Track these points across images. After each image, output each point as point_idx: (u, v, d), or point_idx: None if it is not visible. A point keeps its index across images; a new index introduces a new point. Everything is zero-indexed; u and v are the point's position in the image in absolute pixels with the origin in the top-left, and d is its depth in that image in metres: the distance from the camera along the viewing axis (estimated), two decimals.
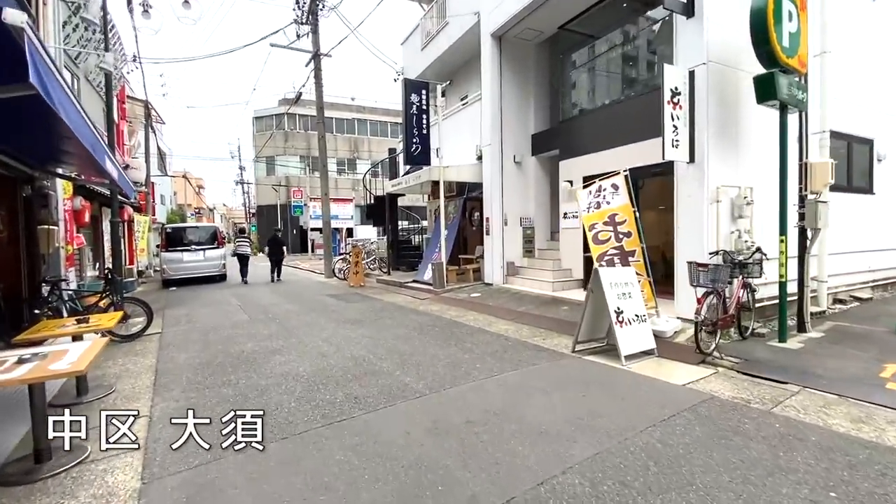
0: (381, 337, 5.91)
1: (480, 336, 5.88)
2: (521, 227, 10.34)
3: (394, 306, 8.56)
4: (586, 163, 8.79)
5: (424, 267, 11.39)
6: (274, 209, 33.72)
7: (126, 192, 5.96)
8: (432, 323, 6.82)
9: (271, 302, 9.38)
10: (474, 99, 11.11)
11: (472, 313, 7.59)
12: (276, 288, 12.07)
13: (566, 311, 7.16)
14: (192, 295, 11.00)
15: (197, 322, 7.38)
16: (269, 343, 5.73)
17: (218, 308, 8.76)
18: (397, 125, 37.74)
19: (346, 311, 8.09)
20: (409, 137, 9.65)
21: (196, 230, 13.97)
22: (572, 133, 9.20)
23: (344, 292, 10.79)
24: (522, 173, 10.36)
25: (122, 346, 5.89)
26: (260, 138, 33.37)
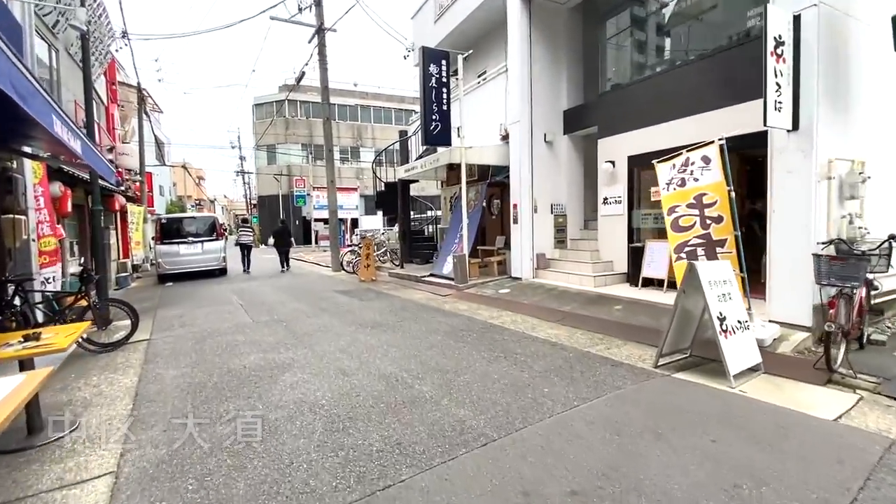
0: (410, 346, 4.92)
1: (529, 345, 4.88)
2: (552, 214, 9.29)
3: (415, 305, 7.56)
4: (633, 140, 7.72)
5: (443, 260, 10.38)
6: (276, 199, 32.67)
7: (102, 174, 4.94)
8: (465, 326, 5.82)
9: (276, 300, 8.40)
10: (496, 72, 9.99)
11: (506, 313, 6.59)
12: (280, 283, 11.09)
13: (620, 312, 6.15)
14: (189, 291, 10.03)
15: (192, 325, 6.40)
16: (277, 354, 4.74)
17: (217, 308, 7.79)
18: (402, 111, 36.51)
19: (362, 311, 7.10)
20: (428, 114, 8.59)
21: (193, 221, 12.97)
22: (615, 107, 8.10)
23: (355, 288, 9.80)
24: (553, 154, 9.28)
25: (99, 359, 4.92)
26: (260, 126, 32.21)
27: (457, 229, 10.39)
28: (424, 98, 8.58)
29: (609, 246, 8.35)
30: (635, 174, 7.91)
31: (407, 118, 36.54)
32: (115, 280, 11.50)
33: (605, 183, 8.37)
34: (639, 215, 7.90)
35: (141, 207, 15.23)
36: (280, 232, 14.40)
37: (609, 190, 8.30)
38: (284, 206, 32.66)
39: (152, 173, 23.62)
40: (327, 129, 13.32)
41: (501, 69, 9.74)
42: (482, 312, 6.72)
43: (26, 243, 5.57)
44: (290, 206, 32.49)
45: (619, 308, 6.33)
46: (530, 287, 8.36)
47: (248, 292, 9.57)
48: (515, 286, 8.59)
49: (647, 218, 7.75)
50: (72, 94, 8.88)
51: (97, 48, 9.98)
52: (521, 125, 8.86)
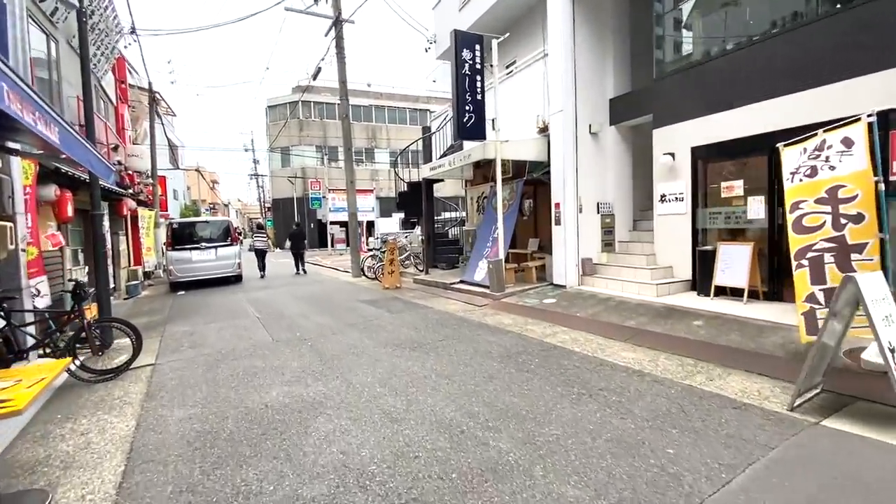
0: (463, 376, 4.04)
1: (610, 375, 3.97)
2: (598, 214, 8.35)
3: (452, 318, 6.69)
4: (699, 128, 6.76)
5: (473, 265, 9.50)
6: (290, 202, 32.15)
7: (94, 170, 4.18)
8: (520, 347, 4.93)
9: (297, 312, 7.60)
10: (532, 58, 9.09)
11: (561, 329, 5.68)
12: (299, 292, 10.32)
13: (702, 329, 5.20)
14: (202, 301, 9.31)
15: (203, 345, 5.62)
16: (305, 388, 3.91)
17: (232, 322, 7.01)
18: (417, 111, 35.77)
19: (395, 326, 6.25)
20: (461, 105, 7.73)
21: (206, 226, 12.30)
22: (675, 92, 7.14)
23: (380, 297, 8.97)
24: (599, 147, 8.34)
25: (95, 390, 4.14)
26: (274, 128, 31.72)
27: (489, 232, 9.51)
28: (457, 87, 7.72)
29: (668, 249, 7.39)
30: (700, 167, 6.95)
31: (422, 118, 35.81)
32: (126, 289, 10.86)
33: (663, 178, 7.41)
34: (705, 214, 6.93)
35: (152, 212, 14.64)
36: (295, 235, 14.54)
37: (667, 186, 7.34)
38: (299, 209, 32.12)
39: (166, 177, 23.22)
40: (346, 126, 12.55)
41: (538, 55, 8.83)
42: (533, 328, 5.82)
43: (13, 254, 4.84)
44: (304, 208, 31.93)
45: (699, 324, 5.38)
46: (579, 297, 7.42)
47: (266, 302, 8.80)
48: (560, 295, 7.67)
49: (717, 217, 6.77)
50: (74, 91, 8.21)
51: (102, 41, 9.34)
52: (564, 115, 7.94)
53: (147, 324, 7.22)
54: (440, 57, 13.54)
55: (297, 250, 14.23)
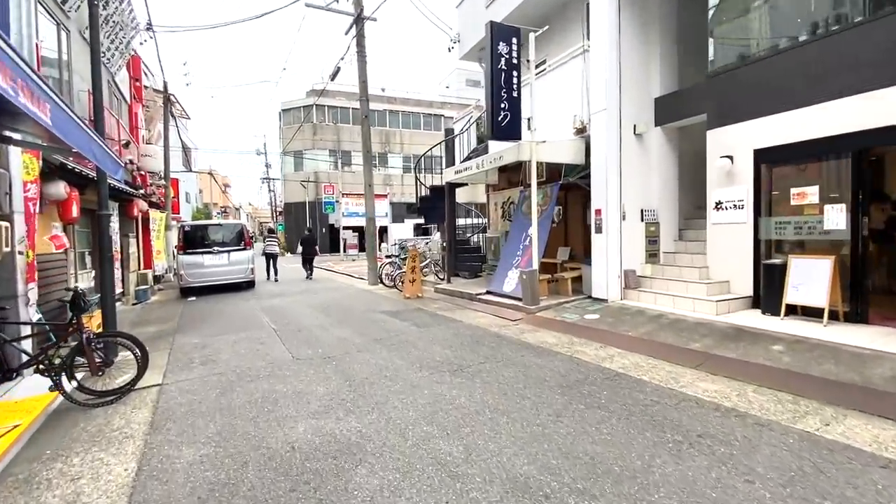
0: (521, 411, 3.41)
1: (700, 414, 3.31)
2: (642, 222, 7.69)
3: (486, 335, 6.06)
4: (764, 128, 6.10)
5: (501, 275, 8.87)
6: (302, 207, 31.83)
7: (98, 162, 3.65)
8: (578, 374, 4.28)
9: (316, 324, 7.02)
10: (569, 55, 8.51)
11: (616, 351, 5.03)
12: (315, 300, 9.76)
13: (785, 356, 4.51)
14: (214, 309, 8.78)
15: (216, 362, 5.05)
16: (335, 422, 3.30)
17: (247, 334, 6.45)
18: (431, 116, 35.40)
19: (425, 342, 5.63)
20: (496, 102, 7.16)
21: (219, 229, 11.83)
22: (734, 89, 6.49)
23: (403, 308, 8.36)
24: (644, 150, 7.71)
25: (92, 417, 3.58)
26: (287, 132, 31.50)
27: (518, 239, 8.89)
28: (492, 83, 7.15)
29: (724, 262, 6.70)
30: (764, 172, 6.28)
31: (437, 123, 35.45)
32: (135, 294, 10.40)
33: (719, 183, 6.75)
34: (770, 224, 6.24)
35: (163, 214, 14.24)
36: (307, 240, 14.78)
37: (724, 192, 6.67)
38: (311, 214, 31.78)
39: (178, 179, 22.99)
40: (365, 127, 12.05)
41: (575, 51, 8.25)
42: (583, 350, 5.16)
43: (9, 257, 4.32)
44: (316, 213, 31.58)
45: (779, 349, 4.68)
46: (624, 312, 6.75)
47: (281, 311, 8.24)
48: (603, 310, 7.00)
49: (785, 227, 6.08)
50: (86, 85, 7.78)
51: (116, 35, 8.94)
52: (607, 114, 7.32)
53: (155, 333, 6.69)
54: (464, 57, 13.04)
55: (308, 255, 14.48)
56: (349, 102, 32.71)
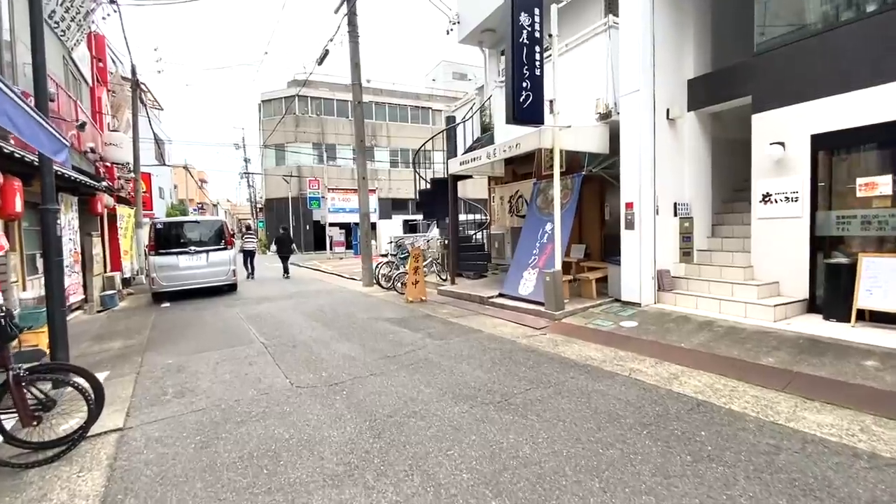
0: (615, 469, 2.57)
1: (841, 465, 2.53)
2: (675, 217, 6.96)
3: (516, 348, 5.22)
4: (824, 110, 5.42)
5: (515, 276, 8.04)
6: (284, 202, 30.43)
7: (35, 142, 2.66)
8: (654, 406, 3.47)
9: (313, 336, 6.06)
10: (591, 33, 7.68)
11: (679, 369, 4.26)
12: (308, 306, 8.76)
13: (886, 374, 3.79)
14: (191, 318, 7.71)
15: (195, 391, 4.07)
16: (365, 497, 2.39)
17: (231, 351, 5.45)
18: (419, 109, 34.32)
19: (448, 359, 4.75)
20: (517, 81, 6.29)
21: (196, 227, 10.66)
22: (789, 66, 5.77)
23: (408, 314, 7.46)
24: (676, 137, 6.97)
25: (23, 487, 2.58)
26: (268, 124, 30.00)
27: (534, 236, 8.07)
28: (513, 59, 6.28)
29: (772, 261, 6.01)
30: (822, 160, 5.60)
31: (424, 117, 34.43)
32: (100, 300, 9.20)
33: (767, 173, 6.05)
34: (831, 218, 5.56)
35: (131, 210, 12.94)
36: (282, 239, 14.42)
37: (773, 183, 5.97)
38: (294, 210, 30.43)
39: (151, 174, 21.45)
40: (358, 113, 11.03)
41: (599, 28, 7.42)
42: (638, 367, 4.37)
43: None
44: (300, 209, 30.24)
45: (874, 366, 3.97)
46: (666, 319, 6.00)
47: (271, 320, 7.23)
48: (639, 316, 6.24)
49: (849, 222, 5.40)
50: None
51: (73, 3, 7.71)
52: (640, 97, 6.54)
53: (121, 351, 5.64)
54: (463, 40, 12.11)
55: (284, 254, 14.12)
56: (333, 93, 31.40)
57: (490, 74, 12.47)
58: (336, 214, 24.39)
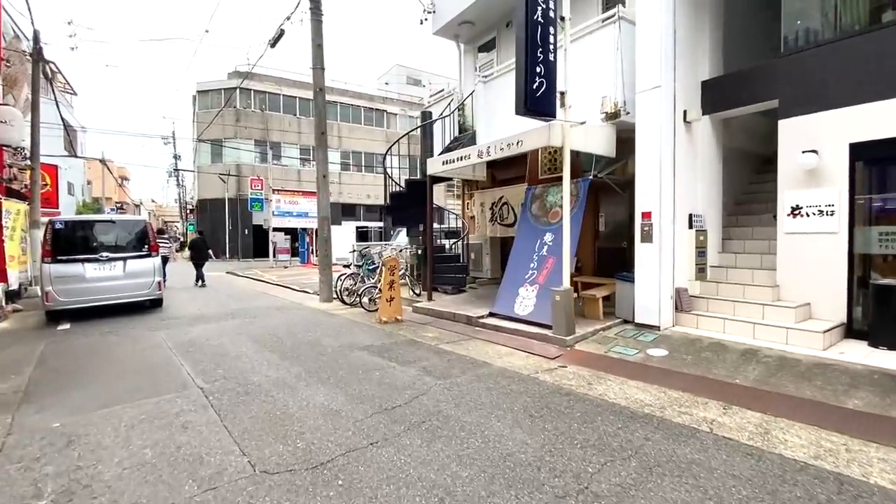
0: None
1: None
2: (690, 229, 6.30)
3: (545, 389, 4.14)
4: (865, 116, 4.96)
5: (510, 293, 7.03)
6: (220, 204, 27.54)
7: None
8: (795, 491, 2.53)
9: (272, 375, 4.60)
10: (597, 24, 6.94)
11: (760, 419, 3.41)
12: (256, 327, 7.15)
13: None
14: (97, 348, 5.86)
15: (91, 492, 2.55)
16: None
17: (154, 402, 3.88)
18: (372, 111, 32.81)
19: (469, 411, 3.57)
20: (531, 65, 5.31)
21: (111, 228, 8.59)
22: (823, 68, 5.29)
23: (389, 340, 6.16)
24: (691, 142, 6.34)
25: None
26: (204, 117, 27.06)
27: (531, 248, 7.12)
28: (527, 39, 5.31)
29: (804, 279, 5.46)
30: (862, 171, 5.13)
31: (379, 119, 33.02)
32: None
33: (797, 184, 5.52)
34: (871, 235, 5.09)
35: (23, 206, 10.43)
36: (197, 244, 13.42)
37: (804, 195, 5.44)
38: (231, 212, 27.65)
39: (58, 166, 18.25)
40: (319, 102, 9.58)
41: (608, 19, 6.68)
42: (708, 416, 3.46)
43: None
44: (238, 211, 27.52)
45: None
46: (696, 346, 5.23)
47: (208, 350, 5.60)
48: (663, 342, 5.43)
49: (893, 239, 4.94)
50: None
51: None
52: (660, 94, 5.83)
53: None
54: (438, 32, 11.09)
55: (199, 260, 13.10)
56: (280, 88, 29.14)
57: (466, 71, 11.54)
58: (281, 219, 22.24)
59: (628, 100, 6.41)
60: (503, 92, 8.31)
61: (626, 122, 6.44)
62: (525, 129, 6.30)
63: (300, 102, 29.66)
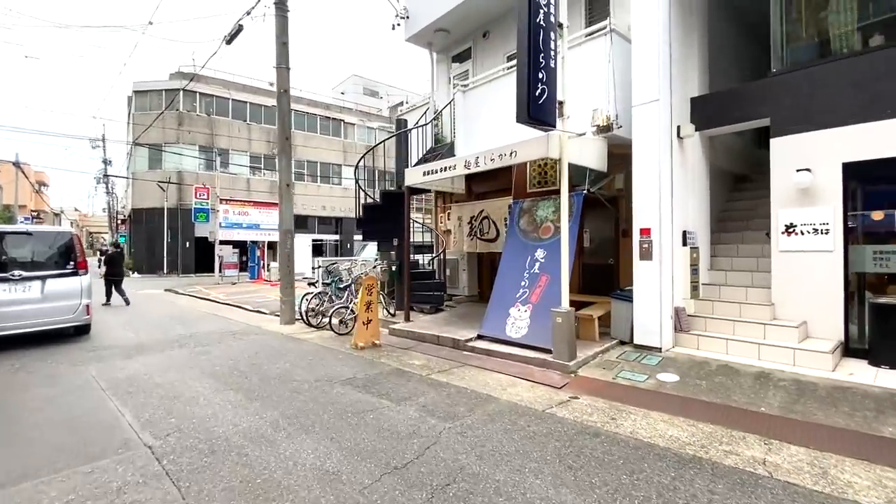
0: None
1: None
2: (685, 247, 6.16)
3: (567, 428, 3.66)
4: (858, 137, 5.01)
5: (499, 313, 6.56)
6: (157, 214, 25.18)
7: None
8: None
9: (241, 425, 3.78)
10: (584, 36, 6.77)
11: (814, 459, 3.12)
12: (211, 358, 6.15)
13: None
14: (2, 390, 4.68)
15: None
16: None
17: (86, 476, 2.97)
18: (329, 121, 31.69)
19: (494, 465, 3.00)
20: (533, 70, 4.93)
21: (24, 241, 7.19)
22: (816, 88, 5.34)
23: (372, 370, 5.45)
24: (683, 158, 6.25)
25: None
26: (142, 119, 24.78)
27: (521, 266, 6.72)
28: (529, 42, 4.92)
29: (800, 297, 5.42)
30: (854, 190, 5.19)
31: (336, 129, 31.99)
32: None
33: (790, 202, 5.52)
34: (866, 253, 5.13)
35: None
36: (113, 259, 12.08)
37: (798, 213, 5.44)
38: (170, 222, 25.36)
39: None
40: (283, 105, 8.75)
41: (599, 31, 6.51)
42: (757, 456, 3.12)
43: None
44: (178, 222, 25.27)
45: None
46: (706, 369, 4.98)
47: (154, 391, 4.60)
48: (670, 365, 5.16)
49: (890, 258, 4.99)
50: None
51: None
52: (658, 108, 5.69)
53: None
54: (411, 38, 10.66)
55: (114, 276, 11.80)
56: (229, 92, 27.43)
57: (439, 81, 11.16)
58: (229, 230, 20.60)
59: (620, 113, 6.24)
60: (484, 102, 7.98)
61: (617, 136, 6.26)
62: (514, 139, 5.94)
63: (251, 108, 28.06)
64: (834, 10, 5.40)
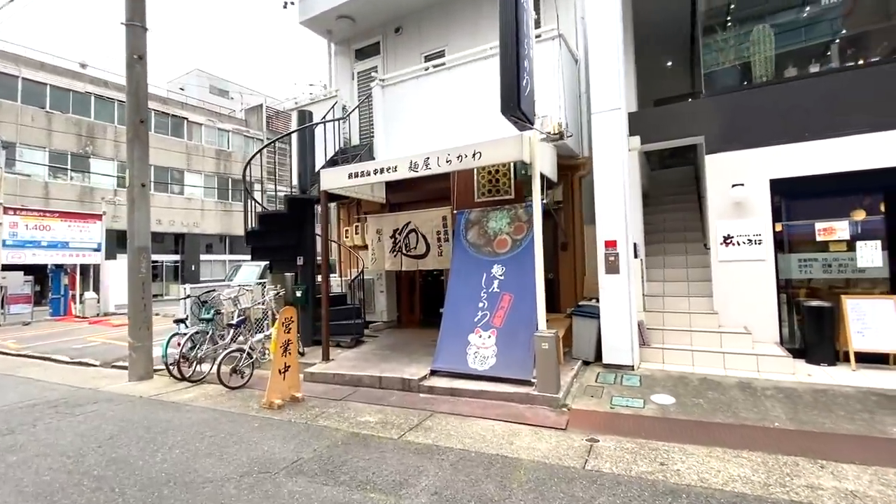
0: None
1: None
2: (636, 258, 6.09)
3: (626, 491, 2.89)
4: (783, 157, 5.65)
5: (456, 342, 5.55)
6: None
7: None
8: None
9: None
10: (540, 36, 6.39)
11: (867, 474, 2.96)
12: (27, 457, 3.70)
13: None
14: None
15: None
16: None
17: None
18: (167, 117, 26.55)
19: None
20: (518, 61, 4.11)
21: None
22: (746, 111, 5.82)
23: (321, 444, 3.88)
24: (630, 170, 6.24)
25: None
26: None
27: (476, 285, 5.85)
28: (516, 29, 4.12)
29: (739, 304, 5.76)
30: (782, 204, 5.73)
31: (176, 129, 26.88)
32: None
33: (727, 215, 5.87)
34: (792, 261, 5.65)
35: None
36: None
37: (735, 225, 5.81)
38: None
39: None
40: (137, 74, 6.39)
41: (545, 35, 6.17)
42: (822, 482, 2.83)
43: None
44: None
45: None
46: (689, 384, 4.80)
47: None
48: (654, 384, 4.86)
49: (810, 265, 5.57)
50: None
51: None
52: (619, 116, 5.51)
53: None
54: (306, 22, 9.14)
55: None
56: (18, 68, 20.66)
57: (339, 76, 9.77)
58: (20, 251, 15.04)
59: (571, 121, 5.96)
60: (406, 100, 7.04)
61: (564, 145, 5.99)
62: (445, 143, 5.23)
63: (53, 91, 21.62)
64: (754, 40, 6.01)
